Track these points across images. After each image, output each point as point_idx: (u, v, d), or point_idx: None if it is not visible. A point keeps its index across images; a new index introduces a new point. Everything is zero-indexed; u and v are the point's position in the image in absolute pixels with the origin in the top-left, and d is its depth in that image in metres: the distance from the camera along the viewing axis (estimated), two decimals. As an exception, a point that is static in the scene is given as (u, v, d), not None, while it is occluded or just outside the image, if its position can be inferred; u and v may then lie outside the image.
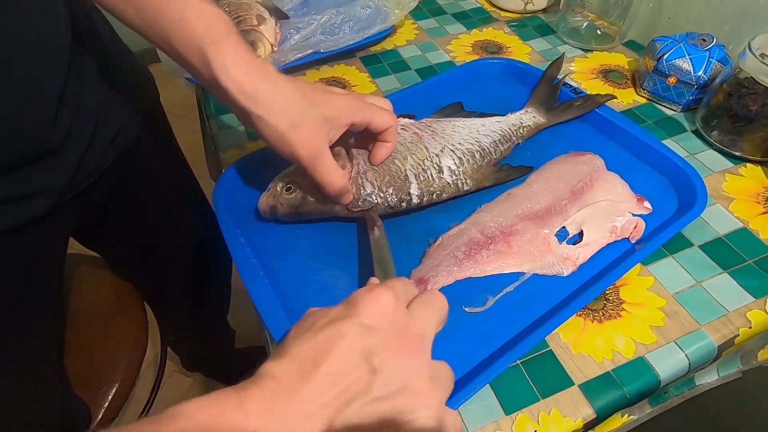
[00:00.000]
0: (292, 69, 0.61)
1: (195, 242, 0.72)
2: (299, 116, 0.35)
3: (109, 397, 0.63)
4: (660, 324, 0.37)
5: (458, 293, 0.38)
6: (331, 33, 0.62)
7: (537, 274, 0.39)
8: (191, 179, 0.68)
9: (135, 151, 0.54)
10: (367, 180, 0.41)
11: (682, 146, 0.52)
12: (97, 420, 0.62)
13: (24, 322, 0.49)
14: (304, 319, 0.25)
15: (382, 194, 0.41)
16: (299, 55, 0.59)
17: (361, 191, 0.41)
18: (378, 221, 0.40)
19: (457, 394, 0.31)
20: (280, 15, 0.64)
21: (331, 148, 0.39)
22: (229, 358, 1.01)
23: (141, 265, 0.69)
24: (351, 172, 0.41)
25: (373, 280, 0.30)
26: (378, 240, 0.38)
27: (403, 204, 0.41)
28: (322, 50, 0.60)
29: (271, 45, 0.61)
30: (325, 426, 0.21)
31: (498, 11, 0.72)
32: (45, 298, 0.52)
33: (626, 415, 0.41)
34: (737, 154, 0.50)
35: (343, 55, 0.63)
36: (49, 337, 0.56)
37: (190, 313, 0.82)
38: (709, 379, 0.47)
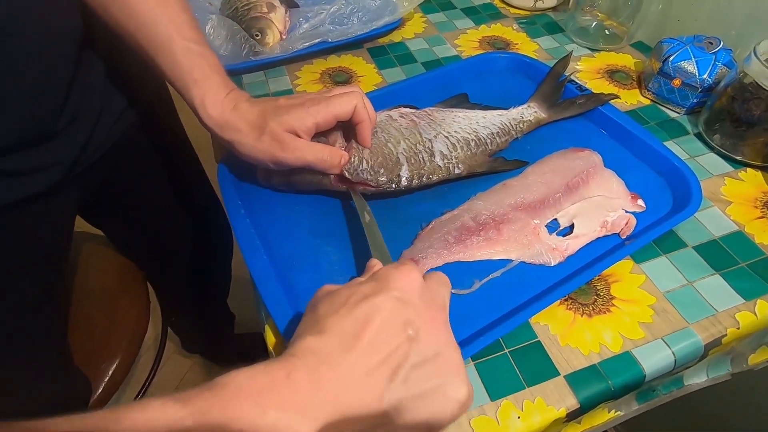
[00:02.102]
0: (299, 57, 0.62)
1: (197, 224, 0.73)
2: (259, 131, 0.40)
3: (110, 372, 0.65)
4: (649, 321, 0.38)
5: (446, 275, 0.39)
6: (340, 23, 0.62)
7: (525, 262, 0.40)
8: (195, 161, 0.69)
9: (139, 131, 0.55)
10: (364, 157, 0.42)
11: (684, 148, 0.52)
12: (98, 393, 0.63)
13: (32, 293, 0.51)
14: (329, 297, 0.26)
15: (373, 173, 0.42)
16: (307, 44, 0.60)
17: (356, 162, 0.42)
18: (366, 206, 0.41)
19: None
20: (290, 3, 0.65)
21: (327, 139, 0.43)
22: (228, 342, 1.03)
23: (144, 245, 0.71)
24: (349, 152, 0.42)
25: (374, 261, 0.32)
26: (369, 224, 0.40)
27: (393, 185, 0.42)
28: (329, 40, 0.61)
29: (280, 33, 0.62)
30: (374, 394, 0.22)
31: (507, 8, 0.72)
32: (52, 271, 0.53)
33: (613, 410, 0.41)
34: (738, 158, 0.50)
35: (351, 45, 0.64)
36: (55, 311, 0.57)
37: (191, 294, 0.83)
38: (698, 379, 0.47)
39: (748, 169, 0.49)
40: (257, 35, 0.59)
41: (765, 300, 0.39)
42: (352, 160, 0.42)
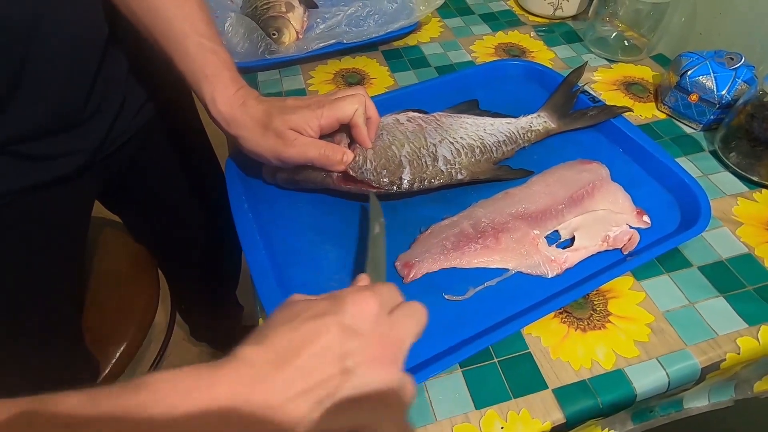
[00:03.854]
0: (314, 57, 0.62)
1: (211, 216, 0.75)
2: (264, 128, 0.41)
3: (117, 355, 0.67)
4: (645, 339, 0.37)
5: (441, 280, 0.39)
6: (356, 25, 0.63)
7: (522, 272, 0.40)
8: (212, 155, 0.71)
9: (159, 123, 0.57)
10: (368, 158, 0.43)
11: (697, 166, 0.50)
12: (105, 373, 0.66)
13: (49, 272, 0.53)
14: (288, 307, 0.25)
15: (375, 174, 0.42)
16: (322, 44, 0.61)
17: (360, 161, 0.42)
18: (381, 217, 0.41)
19: (425, 369, 0.33)
20: (309, 4, 0.66)
21: (333, 139, 0.43)
22: (235, 333, 1.05)
23: (158, 233, 0.73)
24: (354, 151, 0.43)
25: (363, 277, 0.31)
26: (376, 237, 0.38)
27: (394, 187, 0.43)
28: (345, 41, 0.62)
29: (297, 32, 0.63)
30: (291, 420, 0.21)
31: (526, 15, 0.72)
32: (69, 252, 0.56)
33: (607, 428, 0.41)
34: (754, 178, 0.48)
35: (366, 47, 0.64)
36: (70, 289, 0.60)
37: (201, 283, 0.85)
38: (698, 403, 0.46)
39: (764, 191, 0.48)
40: (274, 34, 0.60)
41: (769, 326, 0.38)
42: (357, 159, 0.43)
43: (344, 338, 0.23)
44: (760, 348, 0.37)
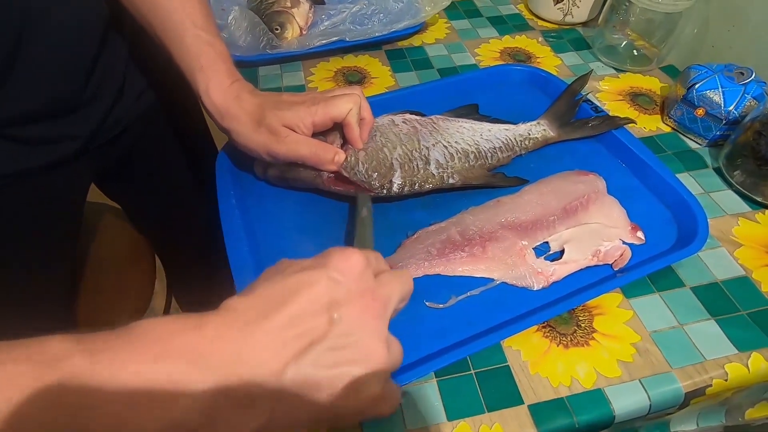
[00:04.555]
0: (317, 54, 0.62)
1: (209, 206, 0.75)
2: (257, 123, 0.41)
3: (109, 340, 0.67)
4: (628, 359, 0.36)
5: (423, 286, 0.38)
6: (360, 23, 0.63)
7: (507, 283, 0.39)
8: (211, 146, 0.71)
9: (159, 112, 0.57)
10: (359, 159, 0.42)
11: (699, 182, 0.49)
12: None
13: (42, 257, 0.53)
14: (275, 267, 0.26)
15: (366, 176, 0.42)
16: (324, 41, 0.60)
17: (352, 162, 0.42)
18: (368, 202, 0.41)
19: (399, 377, 0.32)
20: (316, 0, 0.66)
21: (326, 138, 0.43)
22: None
23: (156, 221, 0.73)
24: (346, 152, 0.43)
25: None
26: (364, 219, 0.39)
27: (384, 190, 0.42)
28: (348, 39, 0.61)
29: (300, 28, 0.62)
30: (278, 364, 0.22)
31: (536, 20, 0.70)
32: (63, 238, 0.56)
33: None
34: (758, 199, 0.47)
35: (370, 46, 0.64)
36: (63, 275, 0.60)
37: (198, 272, 0.86)
38: (686, 427, 0.44)
39: (767, 212, 0.46)
40: (277, 29, 0.60)
41: (761, 353, 0.36)
42: (349, 159, 0.42)
43: (331, 289, 0.24)
44: (749, 375, 0.36)
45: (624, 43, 0.63)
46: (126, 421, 0.19)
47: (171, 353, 0.20)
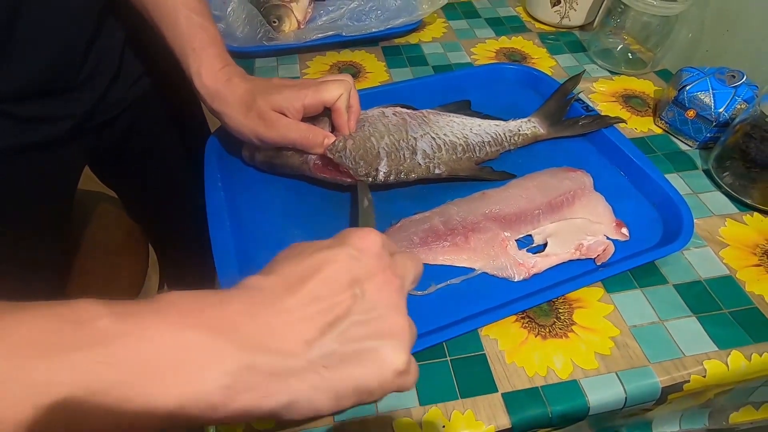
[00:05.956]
0: (313, 48, 0.63)
1: (203, 194, 0.75)
2: (247, 107, 0.41)
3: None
4: (606, 353, 0.36)
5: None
6: (358, 19, 0.63)
7: (488, 273, 0.39)
8: (208, 134, 0.72)
9: (154, 98, 0.58)
10: (347, 146, 0.43)
11: (688, 183, 0.49)
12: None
13: (31, 238, 0.54)
14: (291, 248, 0.26)
15: (353, 162, 0.42)
16: (320, 35, 0.61)
17: (339, 146, 0.42)
18: (368, 192, 0.42)
19: None
20: (315, -4, 0.67)
21: (316, 123, 0.43)
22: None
23: (151, 208, 0.74)
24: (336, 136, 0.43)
25: None
26: (366, 209, 0.40)
27: (370, 178, 0.42)
28: (344, 34, 0.62)
29: (299, 22, 0.63)
30: (303, 340, 0.22)
31: (533, 22, 0.71)
32: (52, 219, 0.57)
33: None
34: (747, 201, 0.46)
35: (367, 42, 0.64)
36: (52, 257, 0.61)
37: (191, 262, 0.86)
38: (668, 428, 0.44)
39: (755, 214, 0.46)
40: (274, 22, 0.61)
41: (740, 351, 0.36)
42: (336, 144, 0.42)
43: (352, 266, 0.24)
44: (728, 373, 0.35)
45: (620, 46, 0.64)
46: (147, 388, 0.19)
47: (198, 324, 0.20)
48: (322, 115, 0.44)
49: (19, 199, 0.50)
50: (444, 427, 0.32)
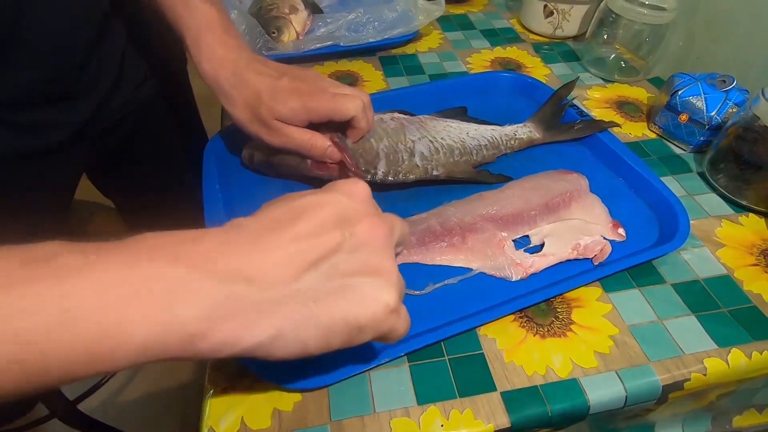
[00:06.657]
0: (312, 58, 0.64)
1: (201, 206, 0.75)
2: (252, 112, 0.41)
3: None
4: (605, 351, 0.36)
5: (401, 274, 0.38)
6: (356, 30, 0.65)
7: (485, 273, 0.39)
8: (206, 141, 0.73)
9: (155, 105, 0.58)
10: (348, 144, 0.43)
11: (683, 186, 0.49)
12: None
13: (32, 239, 0.54)
14: (279, 198, 0.26)
15: (354, 158, 0.42)
16: (318, 45, 0.62)
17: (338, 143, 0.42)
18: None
19: (370, 357, 0.32)
20: (314, 9, 0.68)
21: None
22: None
23: (148, 218, 0.74)
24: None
25: None
26: None
27: (368, 176, 0.43)
28: (342, 44, 0.63)
29: (297, 33, 0.64)
30: (288, 274, 0.21)
31: (527, 33, 0.72)
32: (53, 225, 0.57)
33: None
34: (742, 202, 0.47)
35: (364, 52, 0.65)
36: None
37: None
38: (671, 431, 0.43)
39: (750, 215, 0.46)
40: (274, 33, 0.62)
41: (741, 350, 0.36)
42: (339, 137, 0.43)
43: (342, 208, 0.24)
44: (729, 371, 0.35)
45: (612, 55, 0.65)
46: (120, 320, 0.18)
47: (169, 256, 0.20)
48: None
49: (16, 206, 0.50)
50: (442, 426, 0.31)
